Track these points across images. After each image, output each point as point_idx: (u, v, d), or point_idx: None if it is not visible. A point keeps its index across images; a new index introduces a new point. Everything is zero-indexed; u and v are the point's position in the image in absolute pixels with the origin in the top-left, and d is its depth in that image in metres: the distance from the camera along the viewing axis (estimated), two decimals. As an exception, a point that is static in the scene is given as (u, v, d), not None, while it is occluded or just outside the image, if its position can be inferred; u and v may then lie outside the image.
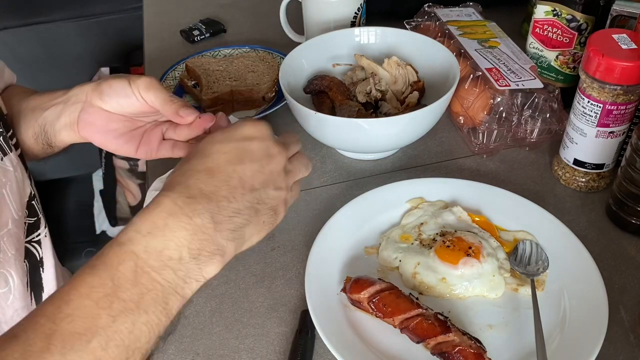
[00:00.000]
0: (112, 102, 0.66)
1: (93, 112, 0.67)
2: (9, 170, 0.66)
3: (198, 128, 0.64)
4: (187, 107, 0.64)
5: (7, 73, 0.80)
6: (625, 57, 0.67)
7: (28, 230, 0.70)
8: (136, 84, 0.65)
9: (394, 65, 0.89)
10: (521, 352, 0.61)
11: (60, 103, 0.68)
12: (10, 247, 0.66)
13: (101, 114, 0.67)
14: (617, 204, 0.73)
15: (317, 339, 0.63)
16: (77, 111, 0.67)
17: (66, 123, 0.68)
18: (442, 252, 0.68)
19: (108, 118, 0.67)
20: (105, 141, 0.68)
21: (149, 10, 1.29)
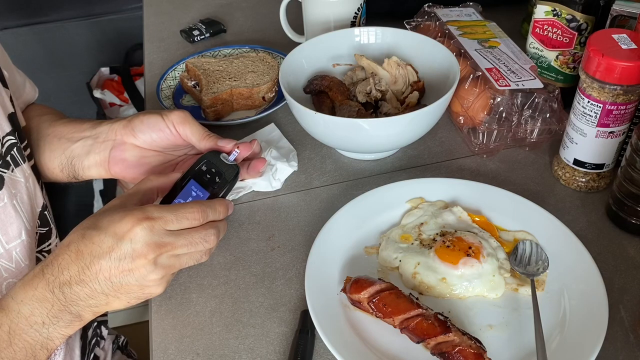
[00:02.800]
0: (144, 137, 0.67)
1: (125, 149, 0.68)
2: (20, 181, 0.66)
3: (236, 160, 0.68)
4: (223, 140, 0.67)
5: (28, 87, 0.82)
6: (625, 57, 0.67)
7: (39, 240, 0.71)
8: (170, 118, 0.67)
9: (394, 65, 0.89)
10: (521, 352, 0.61)
11: (89, 138, 0.70)
12: (23, 258, 0.66)
13: (134, 150, 0.68)
14: (617, 204, 0.73)
15: (317, 339, 0.63)
16: (108, 149, 0.69)
17: (96, 161, 0.70)
18: (442, 252, 0.68)
19: (141, 154, 0.69)
20: (137, 176, 0.69)
21: (149, 10, 1.29)
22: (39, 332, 0.55)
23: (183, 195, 0.61)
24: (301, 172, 0.85)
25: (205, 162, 0.63)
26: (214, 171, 0.63)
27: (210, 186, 0.62)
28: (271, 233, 0.77)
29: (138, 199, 0.59)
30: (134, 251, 0.53)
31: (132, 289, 0.55)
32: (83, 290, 0.54)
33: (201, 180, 0.62)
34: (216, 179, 0.63)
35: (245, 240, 0.76)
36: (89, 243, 0.54)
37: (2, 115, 0.65)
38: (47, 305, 0.54)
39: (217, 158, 0.64)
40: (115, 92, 1.89)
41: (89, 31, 1.88)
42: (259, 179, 0.81)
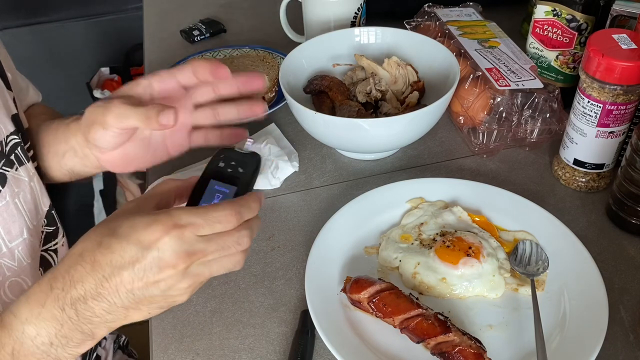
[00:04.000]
0: (104, 143, 0.62)
1: (103, 152, 0.64)
2: (24, 180, 0.66)
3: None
4: (156, 108, 0.57)
5: (31, 92, 0.82)
6: (625, 57, 0.67)
7: (45, 238, 0.70)
8: (105, 122, 0.59)
9: (394, 65, 0.89)
10: (521, 352, 0.61)
11: (70, 151, 0.69)
12: (25, 256, 0.66)
13: (111, 152, 0.64)
14: (617, 204, 0.73)
15: (317, 339, 0.63)
16: (91, 157, 0.67)
17: (93, 166, 0.69)
18: (442, 252, 0.68)
19: (121, 150, 0.64)
20: (138, 164, 0.66)
21: (149, 10, 1.29)
22: (47, 352, 0.50)
23: (207, 197, 0.56)
24: (301, 172, 0.85)
25: (222, 158, 0.57)
26: (233, 164, 0.57)
27: (235, 180, 0.56)
28: (271, 233, 0.77)
29: (155, 202, 0.53)
30: (161, 261, 0.47)
31: (155, 300, 0.50)
32: (100, 305, 0.48)
33: (223, 177, 0.56)
34: (239, 170, 0.56)
35: (245, 240, 0.76)
36: (107, 252, 0.47)
37: (6, 115, 0.65)
38: (55, 324, 0.49)
39: (232, 151, 0.58)
40: (115, 92, 1.89)
41: (89, 31, 1.88)
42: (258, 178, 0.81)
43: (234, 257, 0.51)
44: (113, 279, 0.47)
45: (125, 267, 0.47)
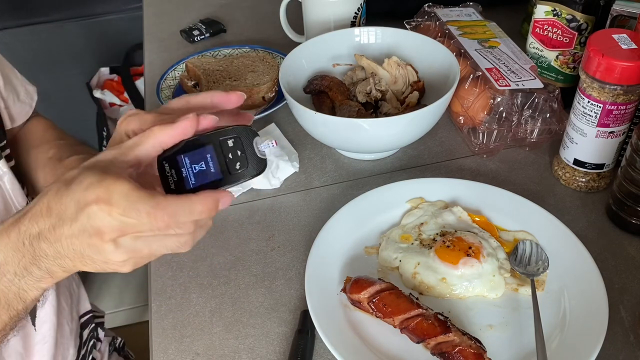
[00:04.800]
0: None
1: None
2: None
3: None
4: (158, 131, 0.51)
5: (22, 95, 0.80)
6: (625, 57, 0.67)
7: None
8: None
9: (394, 65, 0.89)
10: (521, 352, 0.61)
11: None
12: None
13: None
14: (617, 204, 0.73)
15: (317, 339, 0.63)
16: None
17: None
18: (442, 252, 0.68)
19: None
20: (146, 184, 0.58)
21: (149, 10, 1.29)
22: (12, 281, 0.51)
23: (192, 157, 0.50)
24: (301, 172, 0.85)
25: (234, 138, 0.51)
26: (239, 154, 0.51)
27: (227, 170, 0.50)
28: (271, 233, 0.77)
29: (133, 156, 0.49)
30: (89, 227, 0.47)
31: (95, 261, 0.50)
32: (49, 248, 0.50)
33: (219, 156, 0.50)
34: (236, 166, 0.51)
35: (245, 240, 0.76)
36: (58, 202, 0.48)
37: None
38: (18, 255, 0.51)
39: (250, 140, 0.51)
40: (115, 92, 1.89)
41: (89, 31, 1.88)
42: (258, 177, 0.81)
43: (178, 238, 0.49)
44: (58, 229, 0.48)
45: (65, 221, 0.48)
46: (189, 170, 0.50)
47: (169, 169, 0.50)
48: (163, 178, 0.51)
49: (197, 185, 0.50)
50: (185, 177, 0.50)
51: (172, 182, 0.50)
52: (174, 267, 0.73)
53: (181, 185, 0.50)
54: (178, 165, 0.50)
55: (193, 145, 0.50)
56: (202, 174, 0.50)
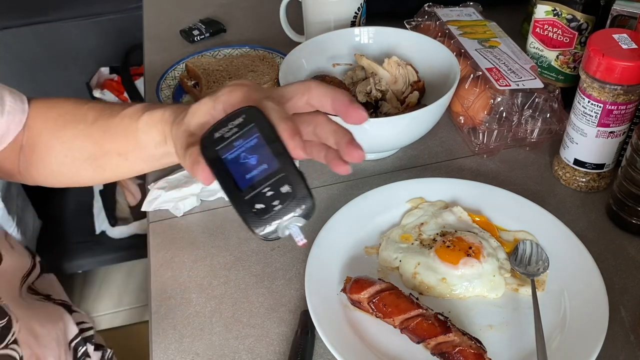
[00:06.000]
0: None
1: None
2: None
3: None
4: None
5: (7, 105, 0.66)
6: (625, 57, 0.67)
7: (1, 335, 0.64)
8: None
9: (394, 65, 0.89)
10: (521, 352, 0.61)
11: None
12: None
13: None
14: (617, 204, 0.73)
15: (317, 339, 0.63)
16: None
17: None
18: (442, 252, 0.68)
19: None
20: None
21: (149, 10, 1.29)
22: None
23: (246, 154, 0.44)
24: (301, 172, 0.85)
25: (286, 181, 0.44)
26: (279, 192, 0.44)
27: (253, 187, 0.44)
28: (271, 233, 0.76)
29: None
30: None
31: None
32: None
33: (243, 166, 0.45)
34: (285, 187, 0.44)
35: (245, 240, 0.76)
36: None
37: None
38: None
39: (292, 206, 0.45)
40: (115, 92, 1.88)
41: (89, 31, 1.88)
42: None
43: None
44: None
45: None
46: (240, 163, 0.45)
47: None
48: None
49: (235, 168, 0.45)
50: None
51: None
52: (173, 268, 0.73)
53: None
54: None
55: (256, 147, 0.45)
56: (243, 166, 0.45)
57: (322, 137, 0.52)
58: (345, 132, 0.51)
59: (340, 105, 0.51)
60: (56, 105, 0.69)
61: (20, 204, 1.70)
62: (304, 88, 0.51)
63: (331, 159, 0.53)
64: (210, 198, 0.81)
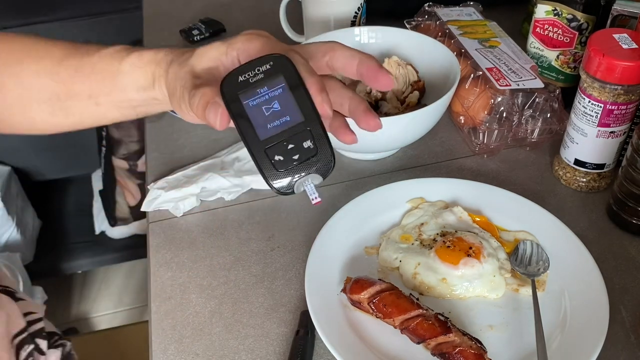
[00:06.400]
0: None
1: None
2: None
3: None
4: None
5: None
6: (626, 57, 0.67)
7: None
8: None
9: (394, 64, 0.89)
10: (522, 352, 0.61)
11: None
12: None
13: None
14: (617, 204, 0.73)
15: (317, 339, 0.63)
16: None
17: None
18: (442, 252, 0.68)
19: None
20: None
21: (148, 10, 1.28)
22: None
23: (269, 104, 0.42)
24: (301, 172, 0.85)
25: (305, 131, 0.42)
26: (301, 146, 0.42)
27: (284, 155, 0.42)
28: (271, 233, 0.76)
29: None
30: None
31: None
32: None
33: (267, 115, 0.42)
34: (295, 152, 0.42)
35: (245, 241, 0.76)
36: None
37: None
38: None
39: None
40: (115, 91, 1.88)
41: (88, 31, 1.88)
42: (257, 176, 0.81)
43: None
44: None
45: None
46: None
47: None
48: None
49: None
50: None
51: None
52: (173, 268, 0.73)
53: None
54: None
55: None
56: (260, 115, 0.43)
57: (335, 103, 0.49)
58: (361, 100, 0.49)
59: (368, 69, 0.49)
60: (10, 40, 0.61)
61: (20, 204, 1.70)
62: (327, 47, 0.50)
63: (337, 126, 0.51)
64: (210, 198, 0.81)
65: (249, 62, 0.43)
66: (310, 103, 0.43)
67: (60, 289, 1.92)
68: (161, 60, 0.52)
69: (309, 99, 0.43)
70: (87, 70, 0.56)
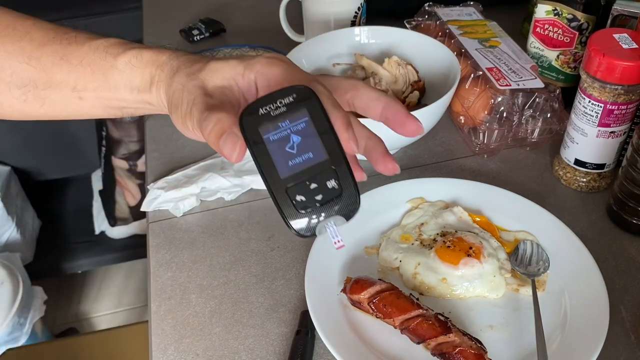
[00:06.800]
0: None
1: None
2: None
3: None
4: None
5: None
6: (626, 57, 0.67)
7: None
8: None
9: (394, 64, 0.88)
10: (522, 352, 0.61)
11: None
12: None
13: None
14: (618, 204, 0.73)
15: (317, 339, 0.63)
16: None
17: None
18: (442, 252, 0.68)
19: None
20: None
21: (148, 10, 1.28)
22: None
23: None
24: (301, 172, 0.84)
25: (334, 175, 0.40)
26: (325, 186, 0.40)
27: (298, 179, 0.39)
28: (271, 233, 0.76)
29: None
30: None
31: None
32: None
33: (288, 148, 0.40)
34: (330, 183, 0.40)
35: (245, 241, 0.76)
36: None
37: None
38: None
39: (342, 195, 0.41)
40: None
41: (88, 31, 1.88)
42: (257, 176, 0.81)
43: None
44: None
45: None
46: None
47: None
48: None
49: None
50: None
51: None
52: (173, 268, 0.73)
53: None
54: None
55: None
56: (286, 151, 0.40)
57: None
58: (379, 141, 0.47)
59: (395, 114, 0.46)
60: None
61: (20, 204, 1.70)
62: (350, 85, 0.47)
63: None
64: (210, 198, 0.81)
65: (270, 94, 0.41)
66: (335, 140, 0.40)
67: (60, 289, 1.92)
68: (164, 63, 0.48)
69: (334, 135, 0.40)
70: (74, 59, 0.51)
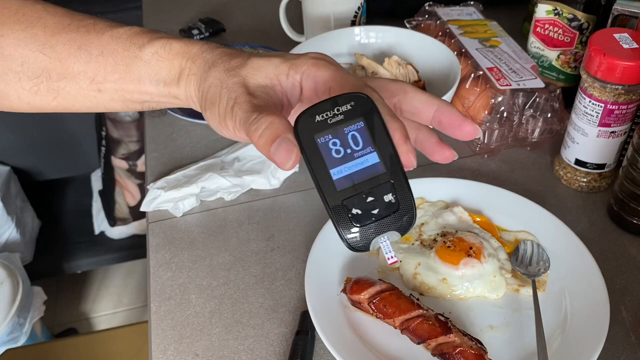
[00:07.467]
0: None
1: None
2: None
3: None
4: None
5: None
6: (626, 57, 0.67)
7: None
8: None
9: (394, 64, 0.88)
10: (522, 353, 0.61)
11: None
12: None
13: None
14: (618, 204, 0.73)
15: (317, 339, 0.63)
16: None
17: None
18: (443, 252, 0.67)
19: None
20: None
21: (148, 10, 1.28)
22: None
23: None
24: (301, 172, 0.84)
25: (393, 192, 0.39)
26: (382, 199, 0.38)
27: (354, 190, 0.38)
28: (271, 233, 0.76)
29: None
30: None
31: None
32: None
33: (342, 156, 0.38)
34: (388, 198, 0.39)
35: (245, 241, 0.76)
36: None
37: None
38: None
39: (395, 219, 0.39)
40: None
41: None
42: (257, 177, 0.81)
43: None
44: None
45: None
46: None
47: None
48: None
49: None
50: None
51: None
52: (173, 268, 0.73)
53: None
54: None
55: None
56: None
57: None
58: (429, 131, 0.46)
59: (450, 117, 0.45)
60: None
61: (20, 204, 1.69)
62: (397, 88, 0.45)
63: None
64: (210, 198, 0.81)
65: (327, 100, 0.39)
66: (393, 151, 0.39)
67: (60, 289, 1.92)
68: (196, 56, 0.45)
69: (392, 147, 0.39)
70: (94, 49, 0.47)
